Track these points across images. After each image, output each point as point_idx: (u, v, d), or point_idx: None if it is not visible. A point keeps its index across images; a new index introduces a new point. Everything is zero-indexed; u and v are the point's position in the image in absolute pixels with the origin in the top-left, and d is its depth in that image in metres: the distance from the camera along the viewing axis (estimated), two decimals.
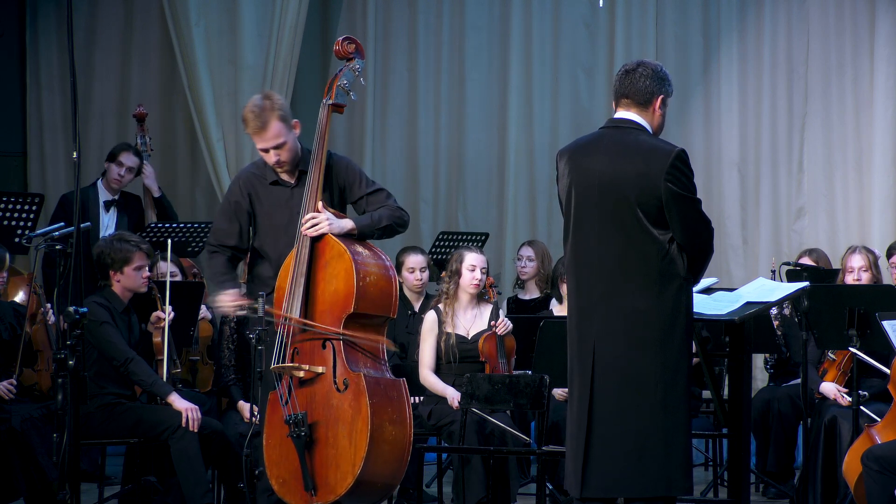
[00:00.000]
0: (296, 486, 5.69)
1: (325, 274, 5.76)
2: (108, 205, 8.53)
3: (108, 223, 8.53)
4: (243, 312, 5.98)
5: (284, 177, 5.99)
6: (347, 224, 5.85)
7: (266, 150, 5.93)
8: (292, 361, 5.73)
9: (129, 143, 8.89)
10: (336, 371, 5.66)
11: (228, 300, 5.92)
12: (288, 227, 5.89)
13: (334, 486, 5.62)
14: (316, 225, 5.78)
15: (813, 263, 7.95)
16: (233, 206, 6.06)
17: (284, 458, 5.71)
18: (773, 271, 8.03)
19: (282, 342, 5.74)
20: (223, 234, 6.08)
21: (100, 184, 8.59)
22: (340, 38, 6.05)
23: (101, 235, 8.31)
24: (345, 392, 5.64)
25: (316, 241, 5.79)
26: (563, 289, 7.69)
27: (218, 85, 9.91)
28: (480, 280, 7.28)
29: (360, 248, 5.80)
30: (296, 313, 5.73)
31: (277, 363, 5.71)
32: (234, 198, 6.07)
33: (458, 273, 7.29)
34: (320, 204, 5.82)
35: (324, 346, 5.71)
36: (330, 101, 5.95)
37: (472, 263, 7.30)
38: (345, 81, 5.98)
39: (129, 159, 8.52)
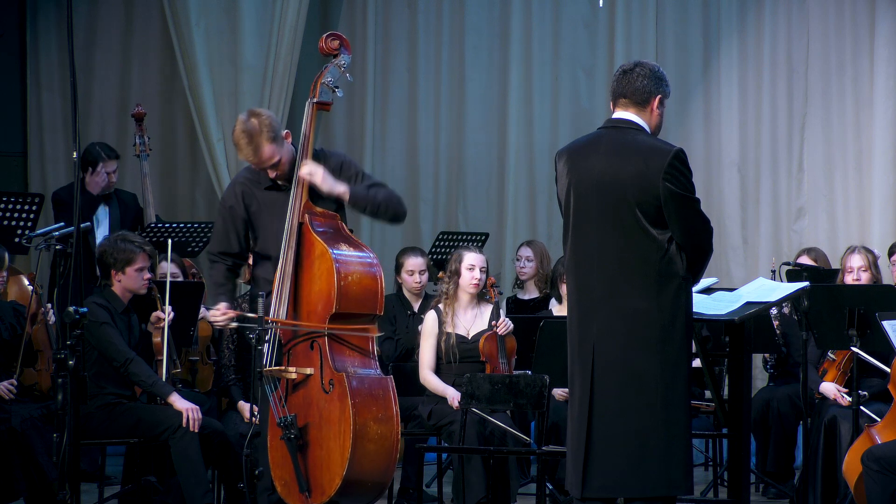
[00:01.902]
0: (293, 487, 5.71)
1: (310, 274, 5.76)
2: (96, 201, 8.47)
3: (101, 219, 8.48)
4: (235, 325, 5.99)
5: (280, 182, 5.99)
6: (340, 187, 5.85)
7: (263, 169, 5.94)
8: (286, 364, 5.73)
9: (94, 144, 8.73)
10: (323, 372, 5.67)
11: (217, 315, 5.94)
12: (284, 229, 5.88)
13: (325, 487, 5.64)
14: (312, 173, 5.80)
15: (812, 262, 7.95)
16: (228, 213, 6.05)
17: (285, 459, 5.72)
18: (774, 271, 8.02)
19: (273, 345, 5.74)
20: (222, 243, 6.08)
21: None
22: (324, 35, 6.05)
23: (95, 231, 8.29)
24: (331, 393, 5.65)
25: (301, 241, 5.78)
26: (563, 289, 7.69)
27: (218, 85, 9.91)
28: (480, 279, 7.28)
29: (343, 247, 5.77)
30: (283, 313, 5.74)
31: (268, 366, 5.72)
32: (230, 203, 6.06)
33: (458, 273, 7.29)
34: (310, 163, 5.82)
35: (311, 348, 5.72)
36: (314, 100, 5.94)
37: (471, 263, 7.29)
38: (329, 79, 5.97)
39: (110, 166, 8.44)
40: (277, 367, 5.71)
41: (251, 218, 6.02)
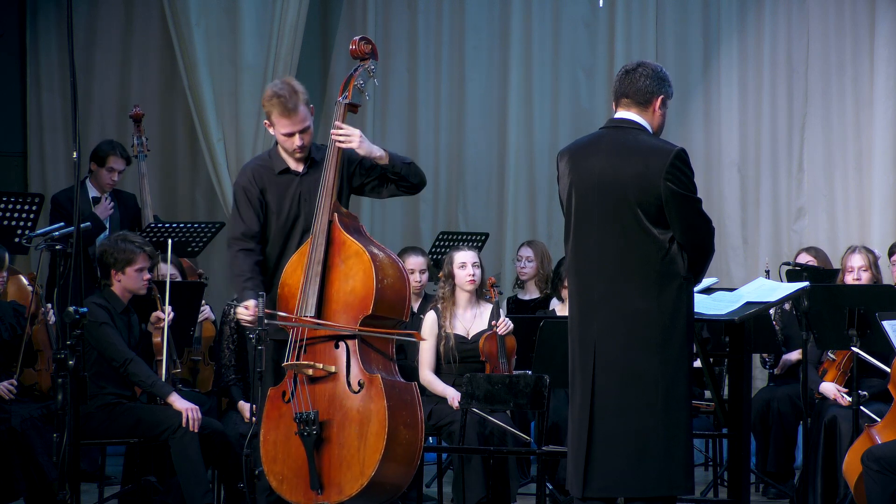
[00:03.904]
0: (297, 483, 5.66)
1: (340, 273, 5.72)
2: (96, 201, 8.49)
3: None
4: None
5: (293, 165, 5.95)
6: (378, 150, 5.82)
7: (291, 135, 5.87)
8: (301, 359, 5.70)
9: (112, 140, 8.79)
10: (350, 371, 5.63)
11: (246, 315, 5.75)
12: (293, 215, 5.86)
13: (343, 486, 5.59)
14: (348, 136, 5.76)
15: (812, 259, 7.95)
16: (244, 193, 5.92)
17: (285, 455, 5.69)
18: (767, 271, 8.02)
19: (294, 339, 5.70)
20: (244, 224, 5.90)
21: (88, 182, 8.54)
22: (357, 38, 5.99)
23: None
24: (359, 393, 5.61)
25: (331, 240, 5.75)
26: (565, 292, 7.70)
27: (218, 85, 9.91)
28: (474, 275, 7.29)
29: (375, 249, 5.76)
30: (311, 311, 5.68)
31: (289, 360, 5.69)
32: (247, 186, 5.92)
33: (451, 275, 7.31)
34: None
35: (336, 346, 5.68)
36: (346, 101, 5.91)
37: (461, 261, 7.31)
38: (361, 81, 5.94)
39: (118, 163, 8.46)
40: (303, 362, 5.67)
41: (265, 203, 5.95)
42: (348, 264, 5.70)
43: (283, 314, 5.69)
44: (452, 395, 7.04)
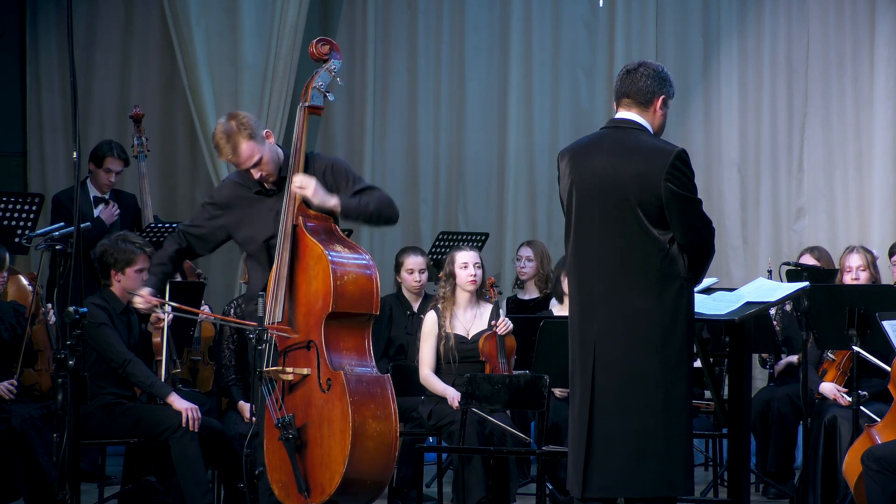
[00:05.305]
0: (291, 488, 5.71)
1: (306, 276, 5.77)
2: (97, 201, 8.50)
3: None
4: (155, 312, 6.13)
5: (268, 185, 5.99)
6: (332, 200, 5.84)
7: (247, 170, 5.94)
8: (282, 365, 5.74)
9: (111, 141, 8.78)
10: (320, 371, 5.69)
11: (139, 301, 6.01)
12: (273, 232, 5.91)
13: (324, 486, 5.65)
14: (303, 186, 5.81)
15: (815, 261, 7.95)
16: (208, 209, 6.10)
17: (280, 461, 5.73)
18: (770, 271, 8.02)
19: (269, 347, 5.76)
20: (192, 222, 6.14)
21: (88, 182, 8.54)
22: (314, 41, 6.03)
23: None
24: (328, 392, 5.66)
25: (296, 243, 5.79)
26: (565, 286, 7.69)
27: (218, 85, 9.92)
28: (476, 275, 7.28)
29: (338, 248, 5.80)
30: (278, 316, 5.74)
31: (265, 367, 5.73)
32: (213, 198, 6.10)
33: (453, 275, 7.30)
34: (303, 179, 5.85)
35: (308, 348, 5.73)
36: (306, 104, 5.94)
37: (463, 261, 7.31)
38: (321, 83, 5.96)
39: (116, 165, 8.46)
40: (274, 368, 5.72)
41: (237, 220, 6.01)
42: (312, 267, 5.76)
43: (220, 316, 5.81)
44: (452, 395, 7.03)
